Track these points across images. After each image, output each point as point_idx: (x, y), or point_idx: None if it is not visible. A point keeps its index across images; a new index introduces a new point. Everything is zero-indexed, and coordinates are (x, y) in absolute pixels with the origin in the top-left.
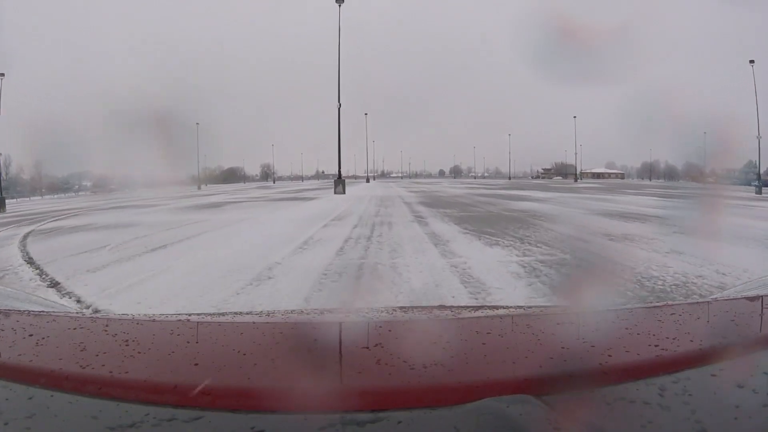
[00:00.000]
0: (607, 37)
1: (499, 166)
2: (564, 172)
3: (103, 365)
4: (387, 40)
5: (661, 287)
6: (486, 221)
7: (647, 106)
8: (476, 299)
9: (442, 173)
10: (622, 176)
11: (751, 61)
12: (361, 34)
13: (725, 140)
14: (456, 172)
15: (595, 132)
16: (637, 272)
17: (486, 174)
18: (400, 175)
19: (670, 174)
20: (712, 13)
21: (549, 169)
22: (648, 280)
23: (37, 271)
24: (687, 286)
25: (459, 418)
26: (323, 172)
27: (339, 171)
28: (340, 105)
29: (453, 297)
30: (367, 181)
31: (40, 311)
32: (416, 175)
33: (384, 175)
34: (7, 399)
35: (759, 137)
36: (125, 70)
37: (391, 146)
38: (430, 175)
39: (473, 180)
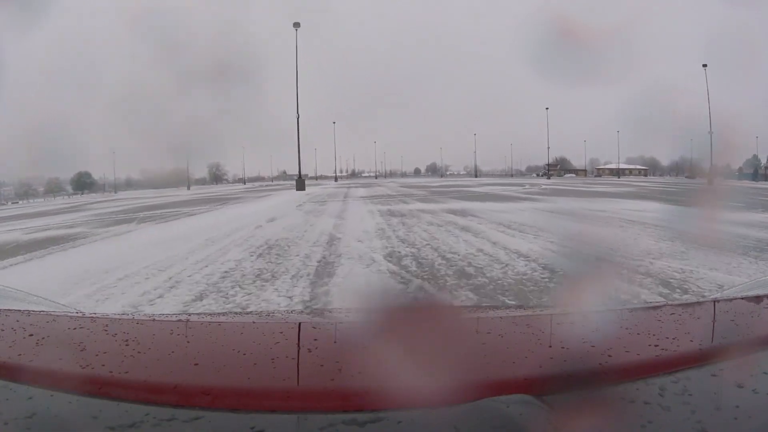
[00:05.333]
0: (600, 34)
1: (478, 164)
2: (567, 168)
3: (103, 365)
4: (360, 28)
5: None
6: None
7: (637, 103)
8: None
9: (417, 172)
10: (645, 173)
11: None
12: (330, 20)
13: (729, 137)
14: (433, 170)
15: (582, 129)
16: None
17: (463, 172)
18: (373, 174)
19: (675, 170)
20: (711, 13)
21: (555, 165)
22: None
23: None
24: None
25: (459, 418)
26: (285, 172)
27: None
28: None
29: None
30: (299, 187)
31: (40, 311)
32: (391, 174)
33: (355, 175)
34: (7, 399)
35: None
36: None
37: (363, 144)
38: (404, 174)
39: (490, 181)
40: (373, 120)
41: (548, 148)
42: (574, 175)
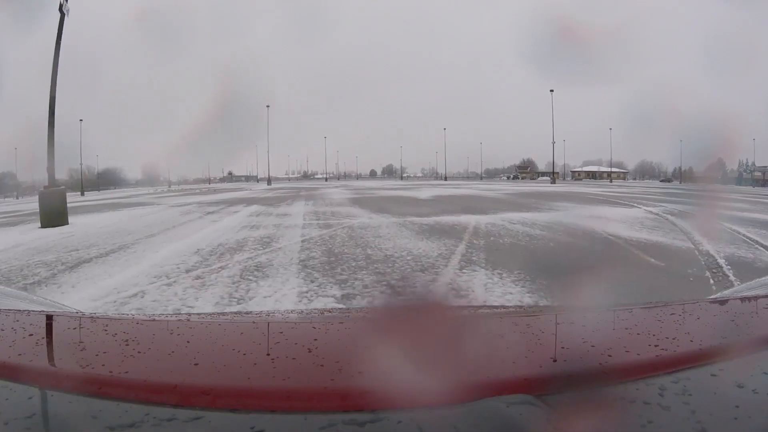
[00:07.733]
0: (574, 33)
1: (436, 166)
2: (538, 170)
3: (103, 365)
4: (316, 24)
5: None
6: None
7: (616, 106)
8: None
9: (373, 174)
10: (624, 176)
11: None
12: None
13: (725, 141)
14: (390, 172)
15: (547, 132)
16: None
17: (420, 174)
18: (324, 176)
19: (642, 173)
20: (708, 13)
21: (525, 168)
22: None
23: None
24: None
25: (459, 418)
26: (230, 173)
27: None
28: None
29: None
30: (47, 220)
31: (40, 311)
32: (345, 176)
33: (307, 176)
34: (7, 399)
35: None
36: None
37: (317, 145)
38: (359, 176)
39: (496, 187)
40: (327, 120)
41: (553, 143)
42: (548, 178)
